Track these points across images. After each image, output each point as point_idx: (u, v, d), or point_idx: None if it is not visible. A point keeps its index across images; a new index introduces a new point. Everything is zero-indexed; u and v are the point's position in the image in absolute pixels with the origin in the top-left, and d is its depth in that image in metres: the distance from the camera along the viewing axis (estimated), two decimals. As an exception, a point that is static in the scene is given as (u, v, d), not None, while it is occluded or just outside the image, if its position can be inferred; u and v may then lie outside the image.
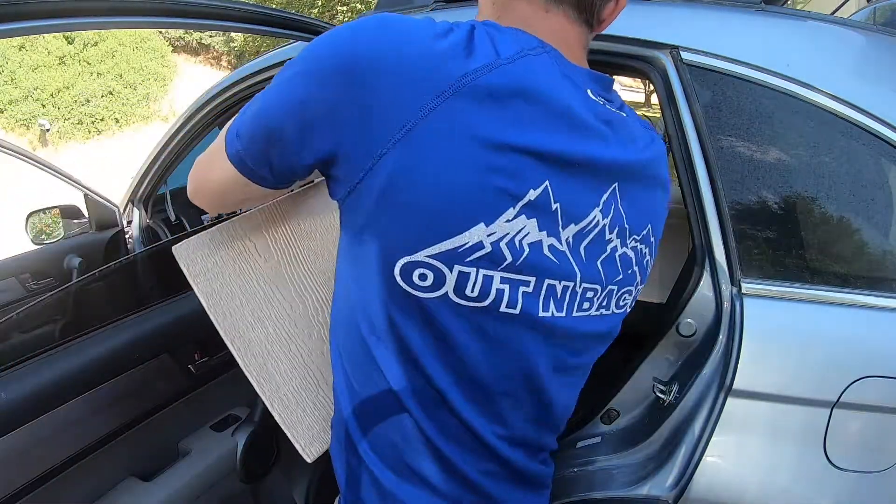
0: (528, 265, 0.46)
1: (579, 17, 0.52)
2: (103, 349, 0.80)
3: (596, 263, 0.51)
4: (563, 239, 0.47)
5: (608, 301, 0.55)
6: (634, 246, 0.55)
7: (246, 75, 1.52)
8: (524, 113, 0.43)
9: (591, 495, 1.02)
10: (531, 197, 0.44)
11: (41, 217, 1.70)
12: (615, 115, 0.51)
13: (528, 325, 0.49)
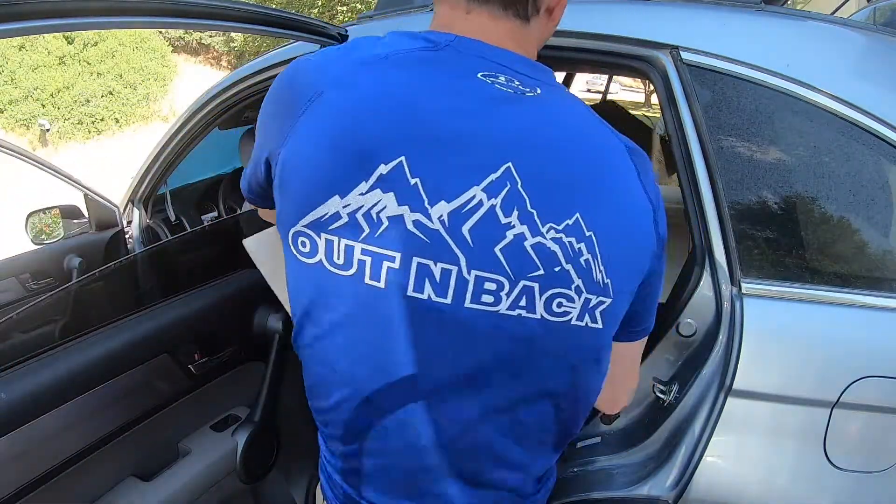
0: (389, 238, 0.48)
1: (506, 11, 0.54)
2: (103, 349, 0.80)
3: (492, 250, 0.49)
4: (433, 216, 0.48)
5: (529, 301, 0.50)
6: (556, 238, 0.49)
7: (246, 75, 1.52)
8: (377, 102, 0.49)
9: (591, 495, 1.02)
10: (382, 171, 0.47)
11: (41, 217, 1.70)
12: (512, 96, 0.50)
13: (404, 304, 0.49)
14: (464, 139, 0.48)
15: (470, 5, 0.54)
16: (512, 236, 0.48)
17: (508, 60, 0.54)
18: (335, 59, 0.52)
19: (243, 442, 0.95)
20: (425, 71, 0.51)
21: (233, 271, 1.05)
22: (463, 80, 0.50)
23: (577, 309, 0.52)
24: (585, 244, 0.50)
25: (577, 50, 1.05)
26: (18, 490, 0.73)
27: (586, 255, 0.50)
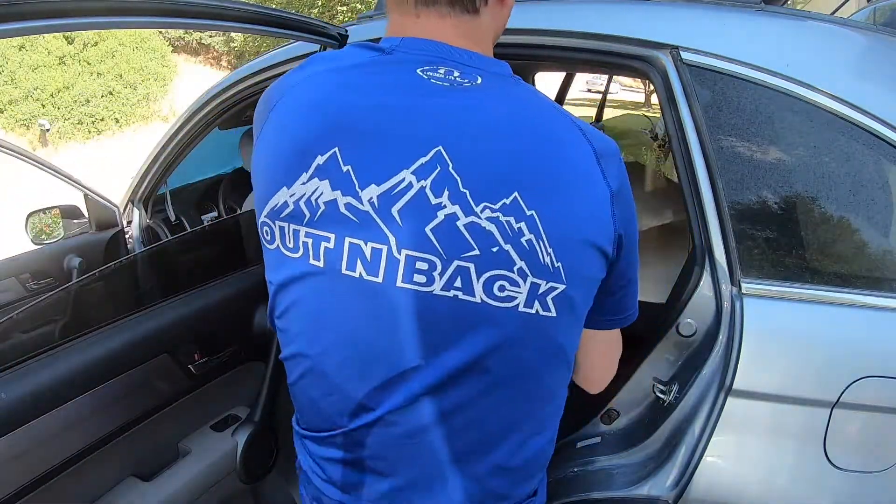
0: (325, 222, 0.52)
1: (452, 9, 0.56)
2: (103, 349, 0.80)
3: (423, 229, 0.50)
4: (363, 198, 0.50)
5: (465, 282, 0.50)
6: (492, 217, 0.49)
7: (246, 75, 1.52)
8: (318, 103, 0.53)
9: (591, 495, 1.02)
10: (319, 162, 0.51)
11: (41, 217, 1.70)
12: (447, 89, 0.53)
13: (339, 282, 0.52)
14: (395, 128, 0.51)
15: (418, 9, 0.56)
16: (443, 216, 0.49)
17: (451, 54, 0.56)
18: (294, 73, 0.58)
19: (243, 442, 0.95)
20: (366, 73, 0.55)
21: (233, 271, 1.05)
22: (401, 77, 0.54)
23: (523, 294, 0.51)
24: (526, 223, 0.50)
25: (577, 50, 1.05)
26: (18, 490, 0.73)
27: (528, 234, 0.50)
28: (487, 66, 0.57)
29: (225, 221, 1.99)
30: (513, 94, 0.55)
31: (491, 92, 0.54)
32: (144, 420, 0.89)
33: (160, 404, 0.92)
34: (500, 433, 0.58)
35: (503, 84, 0.56)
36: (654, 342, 1.04)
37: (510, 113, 0.53)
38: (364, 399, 0.55)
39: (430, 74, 0.53)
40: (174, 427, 0.97)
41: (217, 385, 1.02)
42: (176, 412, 0.95)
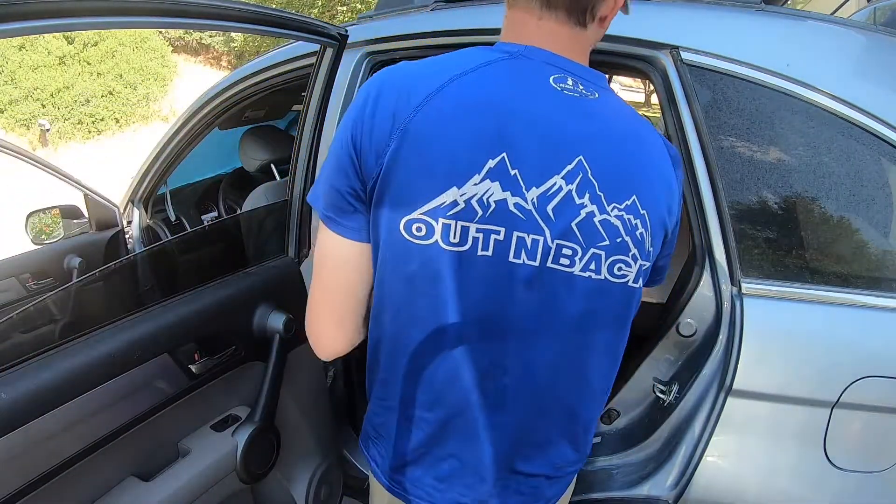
0: (496, 218, 0.59)
1: (569, 19, 0.63)
2: (103, 349, 0.80)
3: (570, 225, 0.60)
4: (528, 199, 0.59)
5: (597, 265, 0.62)
6: (619, 215, 0.62)
7: (246, 75, 1.52)
8: (478, 107, 0.59)
9: (590, 495, 1.02)
10: (490, 165, 0.58)
11: (41, 217, 1.70)
12: (578, 100, 0.62)
13: (502, 270, 0.61)
14: (548, 136, 0.60)
15: (542, 12, 0.63)
16: (584, 214, 0.60)
17: (571, 67, 0.64)
18: (426, 72, 0.62)
19: (243, 442, 0.94)
20: (509, 78, 0.61)
21: (233, 271, 1.05)
22: (538, 86, 0.61)
23: (633, 273, 0.65)
24: (640, 220, 0.63)
25: (577, 50, 1.05)
26: (18, 490, 0.73)
27: (641, 229, 0.63)
28: (597, 79, 0.66)
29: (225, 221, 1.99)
30: (617, 106, 0.65)
31: (607, 104, 0.64)
32: (144, 420, 0.89)
33: (160, 404, 0.92)
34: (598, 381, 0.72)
35: (609, 96, 0.65)
36: (654, 342, 1.04)
37: (622, 125, 0.64)
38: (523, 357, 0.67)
39: (562, 86, 0.62)
40: (174, 427, 0.97)
41: (217, 385, 1.02)
42: (176, 412, 0.95)
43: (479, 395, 0.67)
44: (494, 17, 1.09)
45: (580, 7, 0.63)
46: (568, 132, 0.60)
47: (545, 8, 0.63)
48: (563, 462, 0.75)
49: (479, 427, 0.69)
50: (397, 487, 0.76)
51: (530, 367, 0.66)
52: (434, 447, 0.71)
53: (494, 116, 0.58)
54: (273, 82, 1.48)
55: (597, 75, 0.66)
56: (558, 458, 0.74)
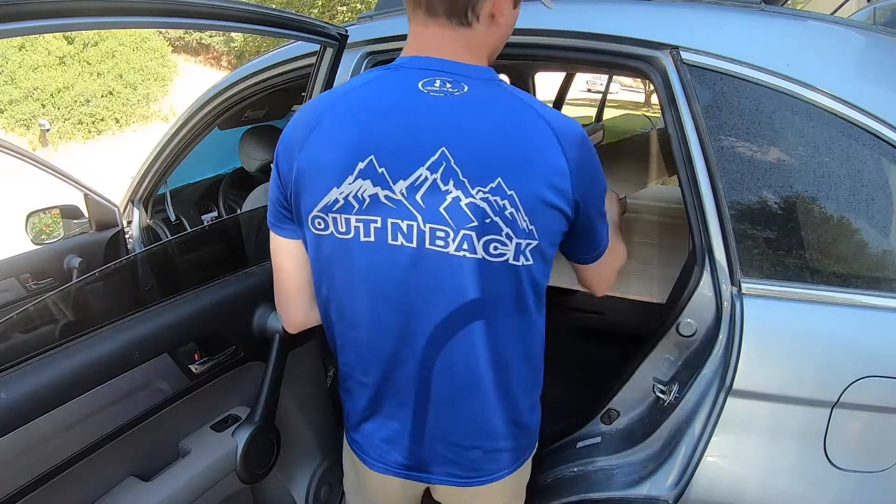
0: (371, 209, 0.70)
1: (451, 21, 0.70)
2: (103, 349, 0.80)
3: (438, 209, 0.68)
4: (396, 191, 0.68)
5: (469, 244, 0.69)
6: (484, 197, 0.67)
7: (246, 75, 1.52)
8: (351, 119, 0.70)
9: (591, 495, 1.02)
10: (361, 167, 0.69)
11: (41, 217, 1.70)
12: (442, 98, 0.69)
13: (383, 253, 0.71)
14: (411, 135, 0.68)
15: (427, 20, 0.71)
16: (450, 199, 0.68)
17: (447, 67, 0.71)
18: (327, 95, 0.74)
19: (243, 442, 0.94)
20: (381, 91, 0.71)
21: (233, 271, 1.05)
22: (406, 92, 0.70)
23: (510, 251, 0.70)
24: (508, 201, 0.68)
25: (577, 50, 1.05)
26: (18, 490, 0.73)
27: (510, 208, 0.68)
28: (475, 73, 0.72)
29: (225, 221, 1.99)
30: (492, 95, 0.71)
31: (476, 96, 0.69)
32: (144, 420, 0.89)
33: (160, 404, 0.92)
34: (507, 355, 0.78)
35: (485, 88, 0.71)
36: (654, 342, 1.04)
37: (489, 112, 0.69)
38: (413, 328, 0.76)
39: (429, 89, 0.69)
40: (174, 427, 0.97)
41: (217, 385, 1.02)
42: (176, 412, 0.95)
43: (399, 365, 0.78)
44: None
45: (457, 9, 0.69)
46: (430, 128, 0.68)
47: (428, 16, 0.71)
48: (497, 436, 0.81)
49: (408, 394, 0.79)
50: (355, 447, 0.89)
51: (435, 341, 0.75)
52: (377, 411, 0.83)
53: (364, 125, 0.69)
54: (273, 82, 1.48)
55: (475, 69, 0.72)
56: (490, 432, 0.81)
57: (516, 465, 0.86)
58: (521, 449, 0.86)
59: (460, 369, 0.77)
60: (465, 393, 0.78)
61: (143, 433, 0.89)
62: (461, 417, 0.80)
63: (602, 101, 4.41)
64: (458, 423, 0.80)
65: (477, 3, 0.69)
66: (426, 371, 0.77)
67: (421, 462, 0.84)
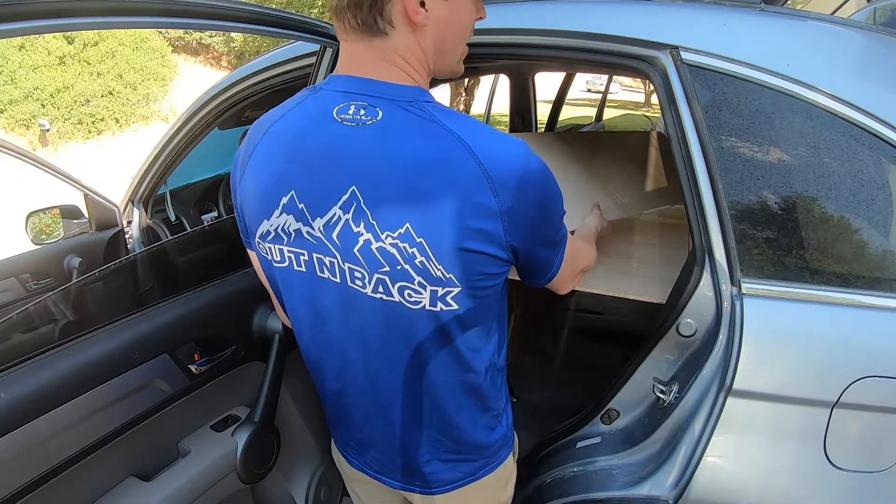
0: (298, 243, 0.69)
1: (364, 32, 0.64)
2: (103, 349, 0.80)
3: (353, 250, 0.65)
4: (315, 227, 0.66)
5: (384, 288, 0.66)
6: (394, 243, 0.62)
7: (246, 75, 1.52)
8: (276, 151, 0.68)
9: (590, 495, 1.02)
10: (284, 201, 0.67)
11: (41, 217, 1.70)
12: (355, 129, 0.63)
13: (316, 282, 0.70)
14: (326, 172, 0.64)
15: (345, 34, 0.67)
16: (362, 241, 0.64)
17: (361, 88, 0.65)
18: (266, 119, 0.72)
19: (243, 442, 0.94)
20: (301, 119, 0.68)
21: (233, 271, 1.05)
22: (322, 120, 0.65)
23: (426, 298, 0.66)
24: (418, 249, 0.62)
25: (577, 50, 1.05)
26: (18, 490, 0.73)
27: (420, 257, 0.62)
28: (393, 94, 0.65)
29: (225, 221, 1.99)
30: (408, 123, 0.63)
31: (389, 125, 0.63)
32: (144, 420, 0.89)
33: (160, 404, 0.92)
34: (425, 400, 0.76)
35: (402, 113, 0.63)
36: (654, 342, 1.04)
37: (402, 145, 0.62)
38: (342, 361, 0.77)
39: (343, 117, 0.64)
40: (174, 427, 0.97)
41: (217, 385, 1.02)
42: (176, 412, 0.95)
43: (346, 387, 0.79)
44: (498, 18, 1.09)
45: (364, 18, 0.63)
46: (343, 163, 0.63)
47: (344, 30, 0.66)
48: (450, 455, 0.81)
49: (360, 413, 0.80)
50: (338, 443, 0.92)
51: (367, 373, 0.75)
52: (342, 420, 0.86)
53: (285, 159, 0.67)
54: (273, 82, 1.48)
55: (393, 90, 0.64)
56: (442, 449, 0.81)
57: (483, 473, 0.85)
58: (486, 460, 0.85)
59: (393, 401, 0.76)
60: (404, 422, 0.78)
61: (143, 433, 0.89)
62: (410, 441, 0.80)
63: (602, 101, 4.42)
64: (409, 445, 0.80)
65: (384, 8, 0.62)
66: (368, 396, 0.78)
67: (385, 469, 0.85)
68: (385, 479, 0.87)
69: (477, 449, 0.83)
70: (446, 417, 0.78)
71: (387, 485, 0.87)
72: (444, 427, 0.79)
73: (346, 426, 0.87)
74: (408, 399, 0.76)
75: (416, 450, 0.81)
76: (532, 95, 2.99)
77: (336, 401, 0.83)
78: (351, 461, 0.90)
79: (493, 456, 0.86)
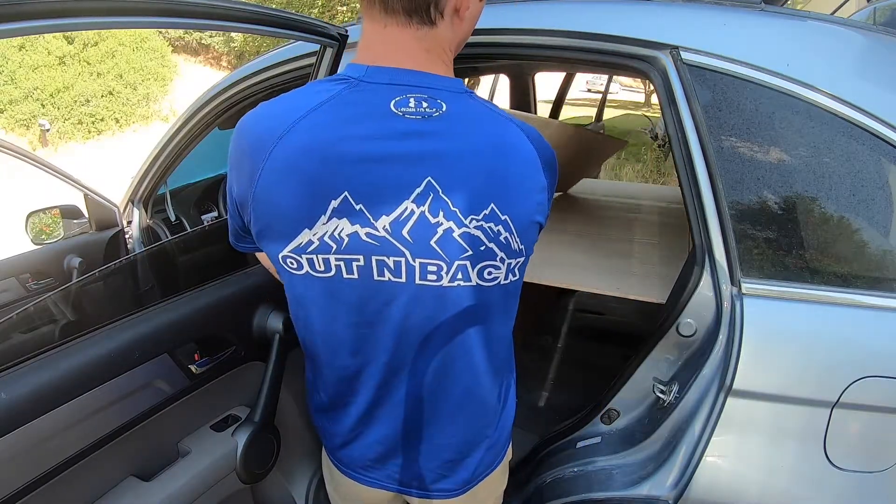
0: (352, 248, 0.64)
1: (411, 20, 0.62)
2: (103, 349, 0.80)
3: (429, 243, 0.64)
4: (379, 227, 0.63)
5: (464, 274, 0.66)
6: (479, 225, 0.64)
7: (246, 75, 1.52)
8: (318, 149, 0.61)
9: (591, 495, 1.02)
10: (334, 205, 0.62)
11: (41, 217, 1.70)
12: (422, 122, 0.62)
13: (370, 288, 0.67)
14: (391, 167, 0.62)
15: (385, 19, 0.63)
16: (441, 231, 0.63)
17: (416, 80, 0.63)
18: (277, 117, 0.63)
19: (243, 442, 0.94)
20: (346, 114, 0.62)
21: (233, 271, 1.05)
22: (377, 114, 0.62)
23: (503, 272, 0.68)
24: (503, 226, 0.65)
25: (578, 50, 1.05)
26: (18, 490, 0.73)
27: (504, 233, 0.66)
28: (448, 86, 0.65)
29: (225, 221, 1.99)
30: (471, 112, 0.65)
31: (456, 116, 0.63)
32: (144, 420, 0.89)
33: (160, 404, 0.92)
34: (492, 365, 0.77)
35: (463, 103, 0.65)
36: (654, 342, 1.04)
37: (473, 133, 0.64)
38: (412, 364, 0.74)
39: (404, 110, 0.62)
40: (174, 427, 0.97)
41: (217, 385, 1.02)
42: (176, 412, 0.95)
43: (391, 390, 0.76)
44: (498, 18, 1.09)
45: (419, 5, 0.61)
46: (411, 156, 0.62)
47: (385, 13, 0.62)
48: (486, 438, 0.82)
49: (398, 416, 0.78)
50: (339, 464, 0.89)
51: (433, 365, 0.73)
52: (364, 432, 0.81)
53: (328, 160, 0.61)
54: (273, 82, 1.48)
55: (447, 82, 0.65)
56: (482, 438, 0.82)
57: (497, 463, 0.87)
58: (501, 445, 0.88)
59: (462, 386, 0.76)
60: (468, 406, 0.78)
61: (143, 433, 0.89)
62: (460, 432, 0.80)
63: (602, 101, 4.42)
64: (455, 440, 0.80)
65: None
66: (422, 392, 0.76)
67: (414, 478, 0.84)
68: (408, 491, 0.85)
69: (500, 430, 0.85)
70: (501, 391, 0.82)
71: (410, 495, 0.85)
72: (497, 403, 0.82)
73: (367, 439, 0.82)
74: (477, 381, 0.76)
75: (456, 449, 0.81)
76: (532, 95, 2.99)
77: (366, 412, 0.78)
78: (360, 478, 0.86)
79: (506, 441, 0.88)
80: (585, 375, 2.03)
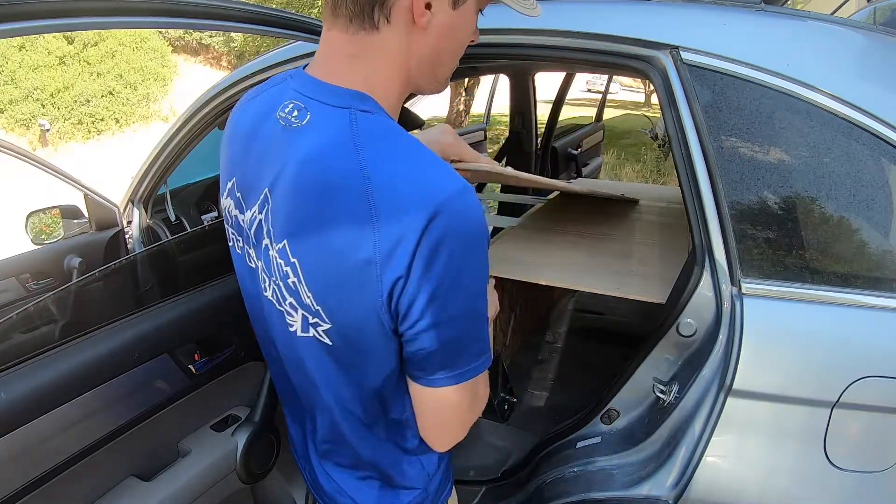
0: (236, 227, 0.69)
1: (352, 24, 0.57)
2: (103, 349, 0.80)
3: (260, 251, 0.63)
4: (246, 219, 0.65)
5: (280, 297, 0.62)
6: (276, 256, 0.59)
7: (246, 75, 1.52)
8: (234, 135, 0.68)
9: (590, 495, 1.02)
10: (229, 186, 0.68)
11: (41, 217, 1.70)
12: (284, 130, 0.59)
13: (246, 269, 0.70)
14: (256, 168, 0.63)
15: (330, 21, 0.59)
16: (264, 245, 0.62)
17: (308, 87, 0.60)
18: (242, 101, 0.71)
19: (243, 442, 0.94)
20: (257, 109, 0.66)
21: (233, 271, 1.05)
22: (268, 115, 0.63)
23: (297, 322, 0.61)
24: (291, 269, 0.58)
25: (577, 50, 1.05)
26: (18, 490, 0.73)
27: (292, 277, 0.58)
28: (332, 98, 0.57)
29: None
30: (326, 132, 0.56)
31: (310, 132, 0.57)
32: (144, 420, 0.89)
33: (160, 404, 0.92)
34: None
35: (329, 120, 0.56)
36: (654, 342, 1.04)
37: (312, 155, 0.55)
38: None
39: (280, 115, 0.60)
40: (174, 427, 0.97)
41: (217, 385, 1.02)
42: (176, 412, 0.95)
43: (284, 385, 0.76)
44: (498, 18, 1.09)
45: (360, 7, 0.55)
46: (268, 163, 0.61)
47: (333, 16, 0.58)
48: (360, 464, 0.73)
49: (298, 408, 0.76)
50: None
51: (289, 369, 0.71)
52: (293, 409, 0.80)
53: (239, 143, 0.67)
54: (273, 82, 1.48)
55: (338, 94, 0.57)
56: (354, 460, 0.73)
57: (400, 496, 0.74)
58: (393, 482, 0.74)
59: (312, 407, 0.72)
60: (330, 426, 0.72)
61: (143, 433, 0.89)
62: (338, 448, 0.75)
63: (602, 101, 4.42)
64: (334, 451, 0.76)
65: (386, 0, 0.55)
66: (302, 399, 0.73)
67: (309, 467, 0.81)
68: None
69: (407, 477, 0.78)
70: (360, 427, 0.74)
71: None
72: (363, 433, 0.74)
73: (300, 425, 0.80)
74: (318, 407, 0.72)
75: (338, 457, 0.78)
76: (532, 95, 2.99)
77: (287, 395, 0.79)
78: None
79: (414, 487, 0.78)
80: (585, 375, 2.03)
